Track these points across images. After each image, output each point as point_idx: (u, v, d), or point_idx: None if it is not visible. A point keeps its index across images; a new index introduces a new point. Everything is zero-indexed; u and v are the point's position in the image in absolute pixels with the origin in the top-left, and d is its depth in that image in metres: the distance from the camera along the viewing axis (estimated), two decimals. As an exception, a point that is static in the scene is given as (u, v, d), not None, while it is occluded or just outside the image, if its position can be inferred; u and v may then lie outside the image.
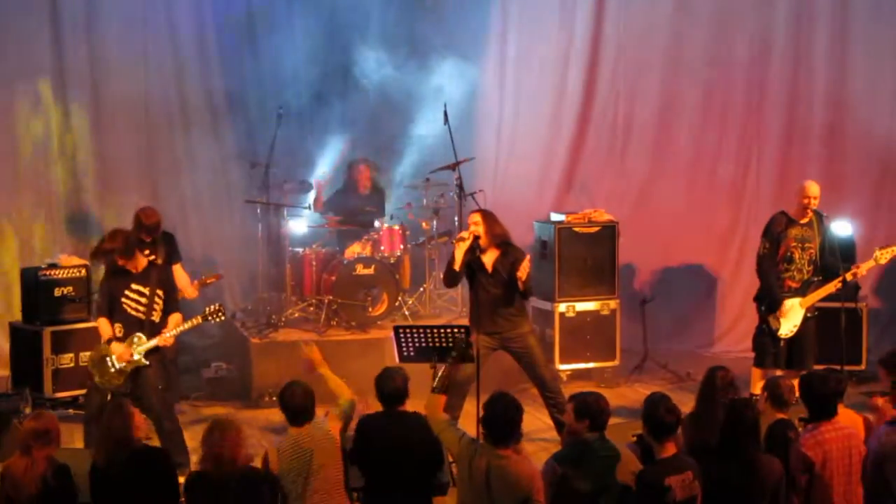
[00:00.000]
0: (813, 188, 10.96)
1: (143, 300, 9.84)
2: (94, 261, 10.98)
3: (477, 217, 10.47)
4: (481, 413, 7.38)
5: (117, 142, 14.09)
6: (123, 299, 9.84)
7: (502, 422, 7.25)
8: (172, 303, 10.06)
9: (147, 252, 10.32)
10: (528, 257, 10.26)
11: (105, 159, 14.06)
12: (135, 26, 14.05)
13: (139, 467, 7.33)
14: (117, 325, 9.87)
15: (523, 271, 10.10)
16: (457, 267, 10.37)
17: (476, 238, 10.32)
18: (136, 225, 10.81)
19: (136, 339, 9.82)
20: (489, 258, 10.38)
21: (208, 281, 11.75)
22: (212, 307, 10.22)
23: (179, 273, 11.35)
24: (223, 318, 10.35)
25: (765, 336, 11.00)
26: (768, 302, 10.96)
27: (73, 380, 11.74)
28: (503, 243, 10.43)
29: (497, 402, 7.33)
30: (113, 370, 9.86)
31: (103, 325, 9.92)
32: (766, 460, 7.39)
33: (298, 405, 7.72)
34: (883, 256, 10.90)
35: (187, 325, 10.05)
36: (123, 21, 13.99)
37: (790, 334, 10.91)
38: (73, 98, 13.89)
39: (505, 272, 10.34)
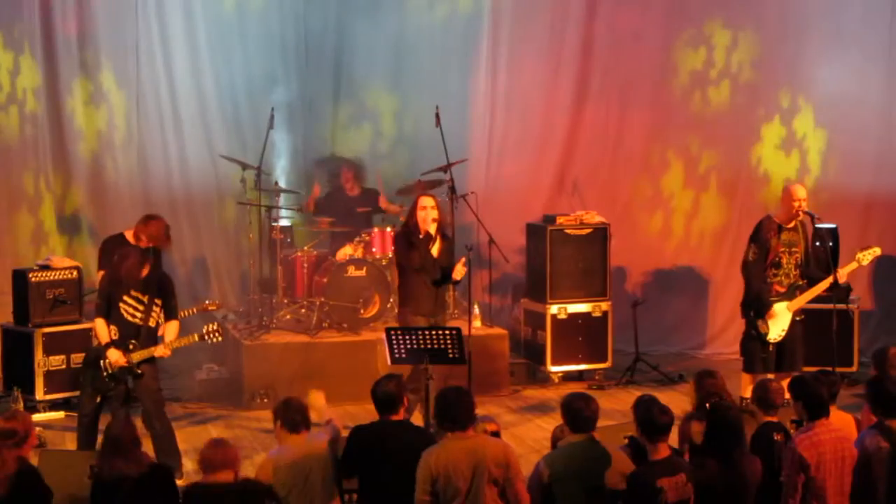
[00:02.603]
0: (800, 191, 10.94)
1: (141, 307, 9.81)
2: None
3: (433, 202, 10.78)
4: (432, 410, 7.57)
5: (108, 143, 14.10)
6: (121, 304, 9.80)
7: (456, 410, 7.41)
8: (171, 311, 10.00)
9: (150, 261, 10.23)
10: (462, 260, 10.63)
11: (96, 161, 14.07)
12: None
13: (144, 485, 7.28)
14: (113, 328, 9.82)
15: (459, 274, 10.59)
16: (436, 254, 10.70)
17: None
18: (149, 233, 10.69)
19: (130, 346, 9.76)
20: (435, 246, 10.72)
21: (209, 308, 11.69)
22: (210, 326, 10.13)
23: None
24: (220, 339, 10.23)
25: (753, 341, 10.96)
26: (757, 307, 10.94)
27: (65, 381, 11.74)
28: (444, 232, 10.91)
29: (445, 395, 7.54)
30: (105, 374, 9.82)
31: (100, 327, 9.85)
32: (750, 461, 7.42)
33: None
34: (865, 258, 10.91)
35: (183, 342, 9.96)
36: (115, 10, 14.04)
37: (779, 338, 10.88)
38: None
39: (445, 262, 10.72)
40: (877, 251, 10.95)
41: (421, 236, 10.68)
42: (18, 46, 13.56)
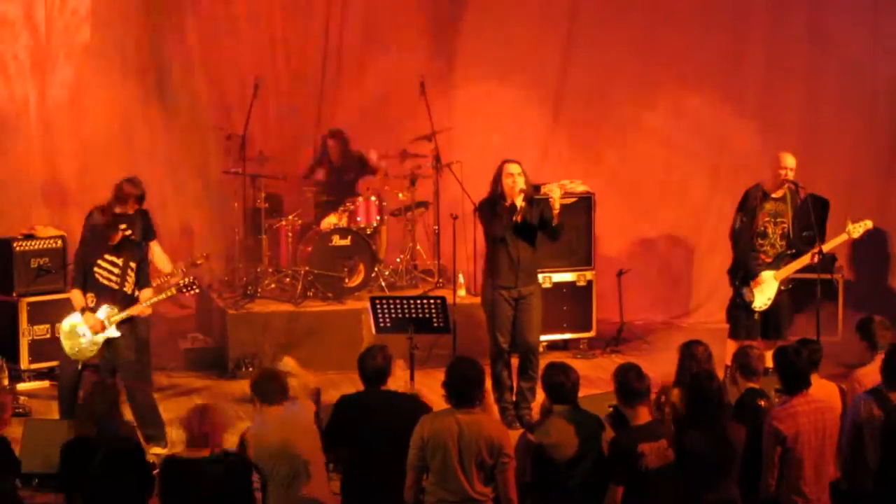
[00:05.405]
0: (788, 159, 10.94)
1: (116, 270, 9.80)
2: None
3: (519, 168, 10.47)
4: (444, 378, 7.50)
5: (93, 112, 14.04)
6: (96, 269, 9.80)
7: (464, 383, 7.35)
8: (144, 277, 10.02)
9: (124, 227, 10.26)
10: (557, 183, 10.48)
11: (80, 129, 14.01)
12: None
13: (112, 459, 7.28)
14: (89, 295, 9.83)
15: (553, 192, 10.32)
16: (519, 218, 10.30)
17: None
18: (117, 195, 10.72)
19: (108, 311, 9.77)
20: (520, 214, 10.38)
21: (198, 262, 11.68)
22: (186, 279, 10.21)
23: (157, 250, 11.23)
24: (197, 290, 10.35)
25: (738, 309, 11.01)
26: (743, 274, 10.96)
27: (50, 351, 11.72)
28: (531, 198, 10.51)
29: (457, 365, 7.49)
30: (84, 341, 9.82)
31: (76, 296, 9.89)
32: (734, 429, 7.43)
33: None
34: (856, 230, 10.89)
35: (161, 296, 10.04)
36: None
37: (764, 307, 10.92)
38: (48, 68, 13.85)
39: (534, 220, 10.39)
40: (868, 224, 10.90)
41: (507, 205, 10.39)
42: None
